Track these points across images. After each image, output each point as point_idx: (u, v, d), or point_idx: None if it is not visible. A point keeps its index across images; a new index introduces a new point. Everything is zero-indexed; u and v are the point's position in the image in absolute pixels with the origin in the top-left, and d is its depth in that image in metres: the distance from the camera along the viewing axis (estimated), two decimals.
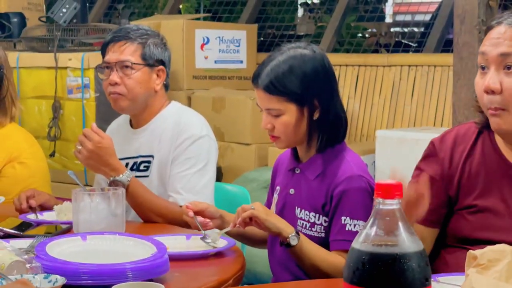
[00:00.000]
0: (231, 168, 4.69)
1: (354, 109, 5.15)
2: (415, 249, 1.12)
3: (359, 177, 2.23)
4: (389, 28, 6.51)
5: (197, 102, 4.93)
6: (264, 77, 2.28)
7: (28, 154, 3.02)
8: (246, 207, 2.19)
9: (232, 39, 5.21)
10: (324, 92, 2.28)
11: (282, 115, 2.28)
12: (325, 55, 2.34)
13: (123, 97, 2.81)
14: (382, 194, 1.14)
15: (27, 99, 4.83)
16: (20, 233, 2.33)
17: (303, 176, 2.33)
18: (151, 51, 2.82)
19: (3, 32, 5.20)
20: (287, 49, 2.32)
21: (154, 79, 2.84)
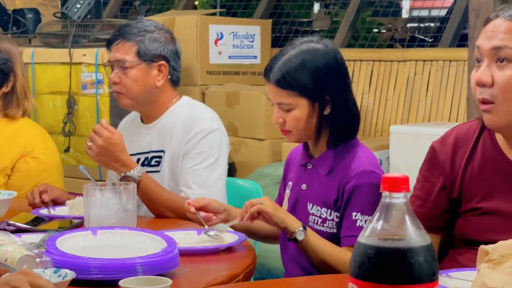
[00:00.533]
0: (245, 163, 4.69)
1: (369, 105, 5.13)
2: (422, 243, 1.11)
3: (371, 172, 2.22)
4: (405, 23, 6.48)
5: (211, 97, 4.93)
6: (276, 72, 2.27)
7: (41, 149, 3.03)
8: (254, 201, 2.18)
9: (246, 34, 5.20)
10: (336, 87, 2.27)
11: (293, 109, 2.27)
12: (337, 50, 2.33)
13: (123, 95, 2.82)
14: (389, 187, 1.13)
15: (42, 94, 4.84)
16: (32, 228, 2.34)
17: (315, 172, 2.32)
18: (146, 47, 2.80)
19: (18, 28, 5.22)
20: (299, 43, 2.31)
21: (154, 75, 2.82)
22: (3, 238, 1.87)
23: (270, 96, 2.32)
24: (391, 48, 5.61)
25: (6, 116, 3.03)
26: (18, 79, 3.02)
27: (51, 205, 2.69)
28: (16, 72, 3.01)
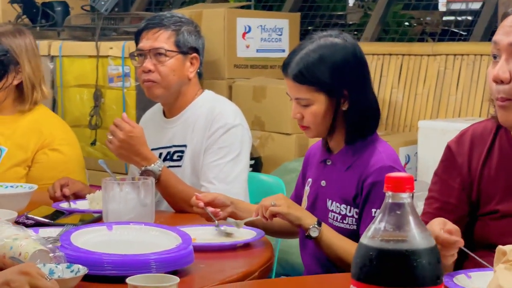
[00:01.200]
0: (271, 158, 4.65)
1: (398, 99, 5.06)
2: (426, 246, 1.07)
3: (390, 167, 2.18)
4: (441, 17, 6.40)
5: (238, 91, 4.90)
6: (294, 66, 2.24)
7: (61, 141, 3.01)
8: (266, 203, 2.14)
9: (274, 27, 5.16)
10: (355, 82, 2.24)
11: (311, 105, 2.24)
12: (357, 44, 2.29)
13: (157, 84, 2.79)
14: (392, 187, 1.09)
15: (69, 87, 4.85)
16: (50, 222, 2.33)
17: (334, 168, 2.29)
18: (185, 38, 2.80)
19: (47, 21, 5.23)
20: (317, 38, 2.28)
21: (187, 66, 2.82)
22: (18, 232, 1.86)
23: (288, 91, 2.29)
24: (421, 42, 5.54)
25: (18, 110, 3.03)
26: (25, 72, 3.00)
27: (72, 199, 2.68)
28: (22, 65, 3.00)
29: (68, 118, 4.85)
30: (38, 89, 3.04)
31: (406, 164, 4.45)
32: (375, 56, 5.21)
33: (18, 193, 2.59)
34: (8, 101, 3.01)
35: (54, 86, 4.92)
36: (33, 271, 1.49)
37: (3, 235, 1.85)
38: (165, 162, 2.82)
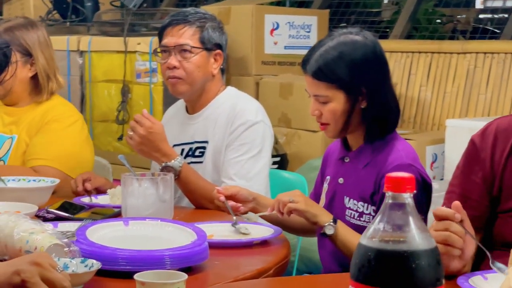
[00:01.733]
0: (297, 155, 4.64)
1: (426, 98, 5.02)
2: (426, 247, 1.06)
3: (408, 165, 2.16)
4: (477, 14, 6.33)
5: (264, 88, 4.90)
6: (313, 63, 2.23)
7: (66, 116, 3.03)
8: (284, 199, 2.14)
9: (302, 24, 5.14)
10: (374, 80, 2.23)
11: (329, 102, 2.23)
12: (377, 42, 2.27)
13: (182, 81, 2.79)
14: (392, 187, 1.07)
15: (97, 83, 4.88)
16: (70, 216, 2.34)
17: (352, 165, 2.28)
18: (209, 34, 2.79)
19: (77, 16, 5.26)
20: (338, 35, 2.27)
21: (211, 63, 2.81)
22: (34, 226, 1.87)
23: (307, 87, 2.29)
24: (451, 40, 5.48)
25: (35, 101, 3.05)
26: (39, 63, 3.02)
27: (94, 194, 2.70)
28: (35, 57, 3.02)
29: (95, 113, 4.89)
30: (53, 79, 3.05)
31: (433, 163, 4.42)
32: (404, 54, 5.18)
33: (40, 187, 2.61)
34: (24, 94, 3.03)
35: (82, 81, 4.96)
36: (45, 262, 1.49)
37: (20, 229, 1.86)
38: (187, 158, 2.83)
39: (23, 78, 3.00)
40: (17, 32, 3.01)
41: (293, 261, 3.04)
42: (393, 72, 5.17)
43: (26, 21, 3.13)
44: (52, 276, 1.47)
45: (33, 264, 1.47)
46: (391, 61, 5.21)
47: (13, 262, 1.52)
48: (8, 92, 2.99)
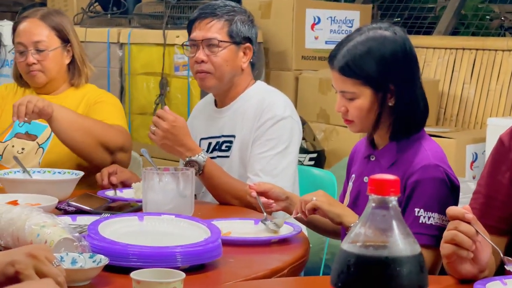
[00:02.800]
0: (335, 151, 4.59)
1: (469, 95, 4.92)
2: (408, 253, 1.00)
3: (435, 166, 2.09)
4: None
5: (304, 83, 4.84)
6: (340, 58, 2.17)
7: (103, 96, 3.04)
8: (307, 198, 2.10)
9: (344, 19, 5.08)
10: (402, 77, 2.15)
11: (356, 98, 2.16)
12: (407, 38, 2.20)
13: (210, 75, 2.75)
14: (375, 190, 1.02)
15: (136, 75, 4.88)
16: (90, 209, 2.32)
17: (377, 164, 2.21)
18: (238, 28, 2.75)
19: (119, 8, 5.27)
20: (366, 30, 2.20)
21: (240, 57, 2.77)
22: (46, 219, 1.85)
23: (334, 83, 2.22)
24: (496, 37, 5.36)
25: (73, 85, 3.05)
26: (75, 48, 3.02)
27: (119, 187, 2.68)
28: (72, 42, 3.01)
29: (134, 105, 4.88)
30: (87, 64, 3.06)
31: (473, 162, 4.33)
32: (447, 50, 5.08)
33: (64, 180, 2.60)
34: (62, 81, 3.03)
35: (122, 74, 4.96)
36: (41, 254, 1.47)
37: (31, 222, 1.85)
38: (214, 152, 2.79)
39: (62, 64, 3.01)
40: (54, 18, 3.01)
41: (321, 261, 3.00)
42: (436, 68, 5.08)
43: (55, 9, 3.14)
44: (46, 270, 1.44)
45: (29, 256, 1.45)
46: (434, 57, 5.12)
47: (10, 252, 1.50)
48: (50, 80, 2.99)
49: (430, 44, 5.17)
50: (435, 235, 2.04)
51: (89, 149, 2.76)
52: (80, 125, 2.73)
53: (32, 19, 2.99)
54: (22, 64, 2.97)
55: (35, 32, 2.96)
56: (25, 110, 2.61)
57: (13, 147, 2.93)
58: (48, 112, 2.65)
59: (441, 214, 2.06)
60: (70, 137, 2.73)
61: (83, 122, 2.76)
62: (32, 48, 2.94)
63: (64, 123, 2.70)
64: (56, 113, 2.67)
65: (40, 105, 2.62)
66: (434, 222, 2.06)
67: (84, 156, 2.79)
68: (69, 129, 2.71)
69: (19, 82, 3.09)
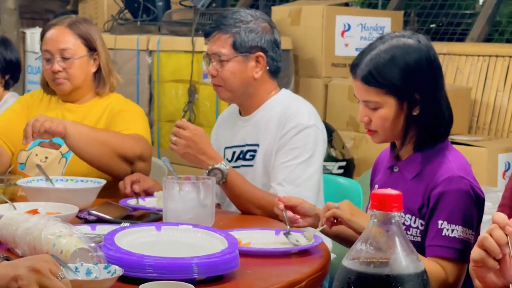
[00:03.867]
0: (364, 159, 4.53)
1: (502, 103, 4.84)
2: (411, 271, 0.95)
3: (460, 178, 2.04)
4: None
5: (333, 90, 4.80)
6: (363, 67, 2.13)
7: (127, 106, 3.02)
8: (330, 205, 2.06)
9: (375, 26, 5.02)
10: (427, 86, 2.11)
11: (380, 108, 2.12)
12: (431, 46, 2.15)
13: (222, 88, 2.75)
14: (378, 205, 0.97)
15: (165, 82, 4.87)
16: (111, 218, 2.31)
17: (401, 175, 2.17)
18: (242, 39, 2.70)
19: (148, 15, 5.27)
20: (389, 38, 2.15)
21: (251, 67, 2.72)
22: (62, 229, 1.84)
23: (356, 93, 2.18)
24: None
25: (97, 94, 3.03)
26: (102, 57, 3.00)
27: (142, 196, 2.66)
28: (99, 51, 3.00)
29: (163, 112, 4.88)
30: (113, 74, 3.04)
31: (505, 171, 4.25)
32: (480, 57, 5.00)
33: (84, 188, 2.58)
34: (87, 89, 3.01)
35: (151, 81, 4.96)
36: (45, 268, 1.44)
37: (48, 231, 1.84)
38: (238, 161, 2.77)
39: (88, 73, 3.00)
40: (82, 27, 3.00)
41: None
42: (469, 76, 5.01)
43: (83, 17, 3.13)
44: (50, 284, 1.42)
45: (32, 271, 1.43)
46: (467, 64, 5.04)
47: (14, 265, 1.48)
48: (76, 88, 2.98)
49: (462, 51, 5.10)
50: (458, 248, 1.99)
51: (107, 162, 2.74)
52: (95, 139, 2.71)
53: (59, 27, 2.98)
54: (48, 71, 2.96)
55: (61, 39, 2.95)
56: (32, 129, 2.59)
57: (37, 156, 2.92)
58: (59, 131, 2.63)
59: (465, 227, 2.01)
60: (86, 152, 2.71)
61: (98, 135, 2.74)
62: (58, 56, 2.93)
63: (78, 139, 2.68)
64: (69, 130, 2.65)
65: (47, 125, 2.59)
66: (457, 235, 2.01)
67: (104, 169, 2.77)
68: (84, 144, 2.69)
69: (45, 89, 3.09)
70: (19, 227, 1.93)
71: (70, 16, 3.18)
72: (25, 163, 2.93)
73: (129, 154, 2.78)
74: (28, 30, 6.02)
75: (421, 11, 5.98)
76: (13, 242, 1.95)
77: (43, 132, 2.60)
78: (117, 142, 2.75)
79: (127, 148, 2.77)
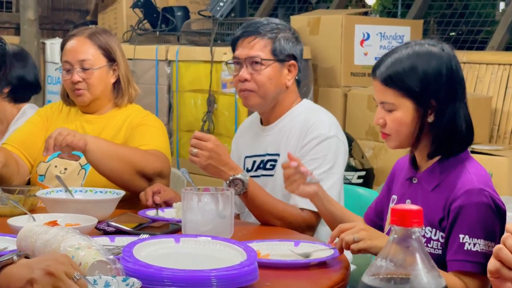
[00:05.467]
0: (384, 169, 4.51)
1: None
2: (432, 287, 0.94)
3: (480, 190, 2.02)
4: None
5: (352, 99, 4.79)
6: (384, 69, 2.13)
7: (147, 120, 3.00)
8: (348, 239, 2.02)
9: (394, 35, 5.01)
10: (445, 94, 2.09)
11: (395, 110, 2.12)
12: (454, 55, 2.14)
13: (253, 93, 2.72)
14: (398, 221, 0.96)
15: (184, 92, 4.87)
16: (130, 230, 2.30)
17: (420, 187, 2.15)
18: (281, 46, 2.71)
19: (167, 25, 5.28)
20: (413, 44, 2.16)
21: (285, 74, 2.73)
22: (81, 241, 1.83)
23: (375, 94, 2.18)
24: None
25: (116, 105, 3.03)
26: (121, 67, 3.00)
27: (163, 206, 2.66)
28: (118, 62, 3.00)
29: (182, 122, 4.88)
30: (132, 85, 3.04)
31: None
32: (501, 66, 4.97)
33: (104, 200, 2.58)
34: (106, 100, 3.01)
35: (170, 91, 4.97)
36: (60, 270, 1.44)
37: (67, 243, 1.83)
38: (258, 170, 2.76)
39: (108, 83, 3.00)
40: (101, 38, 3.00)
41: None
42: (489, 85, 4.98)
43: (103, 28, 3.13)
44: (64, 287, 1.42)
45: (47, 274, 1.43)
46: (487, 73, 5.01)
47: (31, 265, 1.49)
48: (95, 99, 2.98)
49: (483, 60, 5.07)
50: (481, 262, 1.97)
51: (127, 178, 2.74)
52: (115, 154, 2.71)
53: (79, 38, 2.99)
54: (68, 82, 2.97)
55: (81, 50, 2.96)
56: (54, 142, 2.60)
57: (56, 167, 2.92)
58: (80, 146, 2.63)
59: (487, 240, 1.99)
60: (106, 167, 2.71)
61: (118, 151, 2.73)
62: (78, 67, 2.94)
63: (98, 154, 2.68)
64: (90, 145, 2.65)
65: (69, 140, 2.60)
66: (479, 249, 1.99)
67: (122, 184, 2.76)
68: (104, 159, 2.69)
69: (65, 100, 3.09)
70: (38, 239, 1.92)
71: (90, 27, 3.18)
72: (44, 175, 2.93)
73: (148, 171, 2.77)
74: (48, 41, 6.05)
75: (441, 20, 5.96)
76: (32, 254, 1.94)
77: (64, 146, 2.61)
78: (137, 158, 2.74)
79: (147, 165, 2.76)
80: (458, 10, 5.94)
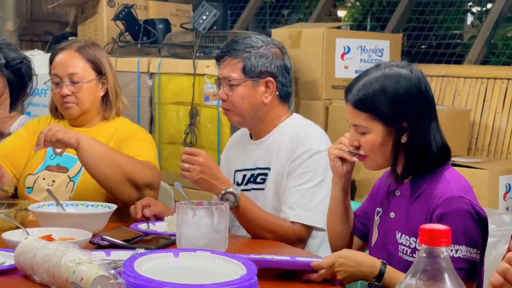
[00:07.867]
0: (365, 182, 4.55)
1: (501, 125, 4.87)
2: None
3: (459, 198, 2.07)
4: None
5: (334, 112, 4.82)
6: (355, 93, 2.19)
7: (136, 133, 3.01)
8: (325, 265, 2.05)
9: (374, 48, 5.06)
10: (416, 116, 2.16)
11: (368, 133, 2.19)
12: (423, 77, 2.21)
13: (231, 112, 2.77)
14: (426, 240, 0.99)
15: (166, 104, 4.88)
16: (124, 244, 2.31)
17: (403, 199, 2.21)
18: (251, 63, 2.72)
19: (149, 38, 5.29)
20: (384, 67, 2.23)
21: (261, 91, 2.75)
22: (82, 256, 1.84)
23: (347, 116, 2.24)
24: None
25: (104, 118, 3.04)
26: (110, 81, 3.02)
27: (153, 220, 2.67)
28: (107, 75, 3.02)
29: (164, 135, 4.88)
30: (120, 98, 3.05)
31: (506, 193, 4.27)
32: (478, 80, 5.04)
33: (97, 213, 2.58)
34: (95, 113, 3.03)
35: (152, 103, 4.97)
36: None
37: (67, 258, 1.84)
38: (249, 184, 2.78)
39: (97, 97, 3.01)
40: (90, 51, 3.01)
41: None
42: (467, 98, 5.04)
43: (92, 41, 3.15)
44: None
45: None
46: (466, 86, 5.08)
47: None
48: (83, 112, 2.99)
49: (461, 74, 5.14)
50: (464, 268, 2.01)
51: (117, 184, 2.74)
52: (109, 158, 2.72)
53: (68, 51, 3.00)
54: (57, 95, 2.97)
55: (70, 64, 2.97)
56: (44, 137, 2.61)
57: (44, 180, 2.92)
58: (71, 143, 2.64)
59: (469, 246, 2.04)
60: (98, 169, 2.71)
61: (112, 156, 2.74)
62: (67, 80, 2.95)
63: (92, 154, 2.68)
64: (83, 143, 2.66)
65: (59, 136, 2.61)
66: (462, 255, 2.03)
67: (111, 190, 2.76)
68: (97, 161, 2.70)
69: (54, 114, 3.10)
70: (37, 254, 1.93)
71: (79, 40, 3.19)
72: (32, 187, 2.93)
73: (139, 180, 2.78)
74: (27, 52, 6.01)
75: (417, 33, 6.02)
76: (31, 269, 1.95)
77: (55, 141, 2.62)
78: (130, 165, 2.75)
79: (138, 174, 2.77)
80: (428, 24, 6.02)
